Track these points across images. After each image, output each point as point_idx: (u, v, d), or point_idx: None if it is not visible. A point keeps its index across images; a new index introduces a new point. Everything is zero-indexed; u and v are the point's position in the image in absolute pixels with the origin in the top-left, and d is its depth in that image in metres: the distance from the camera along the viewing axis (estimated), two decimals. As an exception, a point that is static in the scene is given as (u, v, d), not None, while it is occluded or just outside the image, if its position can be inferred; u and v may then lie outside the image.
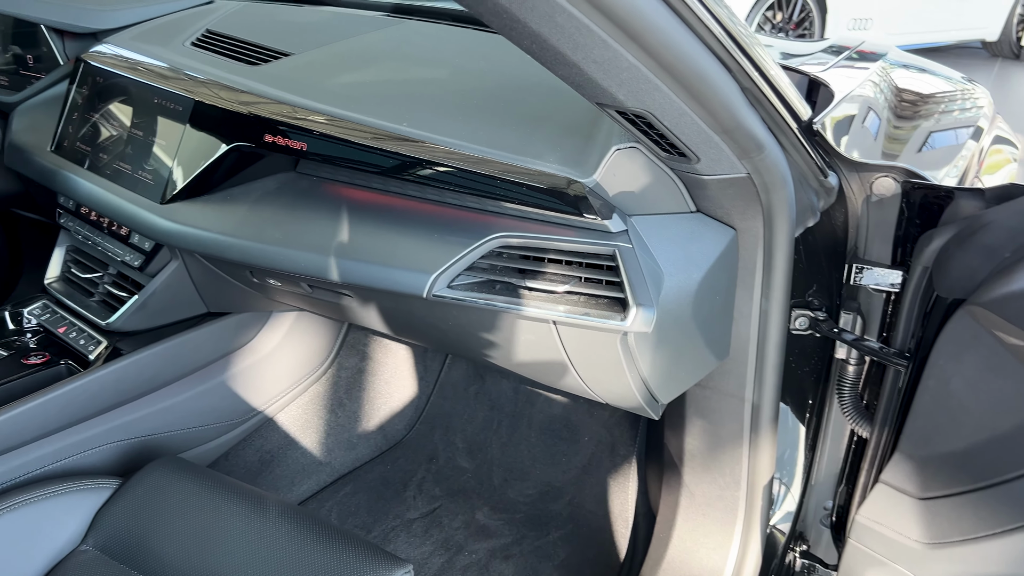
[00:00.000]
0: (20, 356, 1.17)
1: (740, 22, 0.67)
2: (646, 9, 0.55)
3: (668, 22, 0.57)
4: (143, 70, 1.16)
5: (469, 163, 0.86)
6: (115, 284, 1.21)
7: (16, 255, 1.91)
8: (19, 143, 1.29)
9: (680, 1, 0.57)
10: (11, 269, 1.92)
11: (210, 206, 1.04)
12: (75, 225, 1.24)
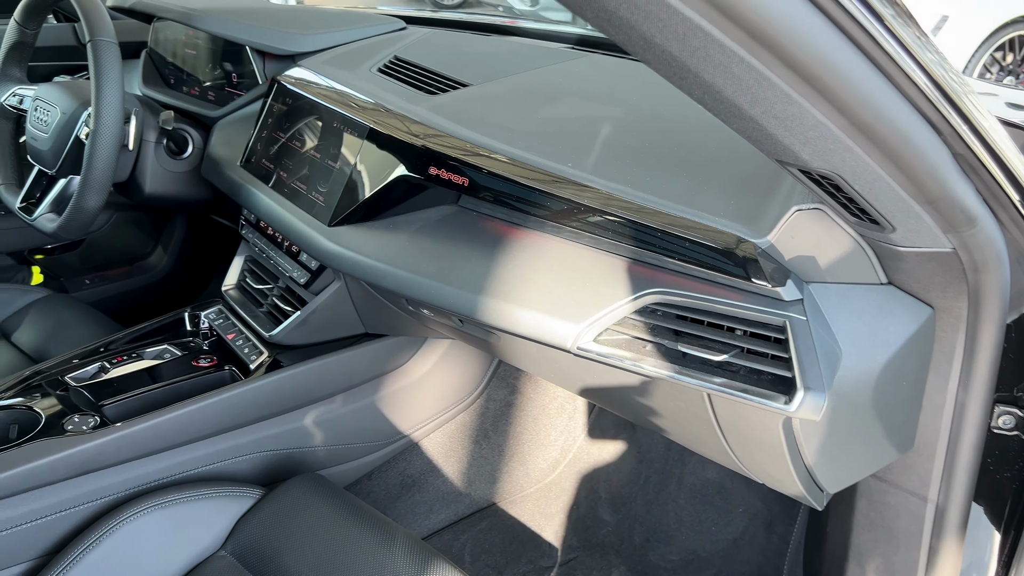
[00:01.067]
0: (192, 357, 1.24)
1: (954, 73, 0.56)
2: (838, 60, 0.47)
3: (865, 74, 0.49)
4: (327, 93, 1.20)
5: (631, 212, 0.80)
6: (282, 298, 1.25)
7: (211, 259, 2.06)
8: (215, 155, 1.38)
9: (879, 51, 0.48)
10: (204, 271, 2.08)
11: (373, 232, 1.04)
12: (254, 237, 1.30)
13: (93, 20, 1.23)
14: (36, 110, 1.37)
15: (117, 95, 1.21)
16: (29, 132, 1.39)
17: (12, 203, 1.43)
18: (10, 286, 1.63)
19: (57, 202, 1.36)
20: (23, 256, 1.86)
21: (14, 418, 1.09)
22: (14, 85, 1.46)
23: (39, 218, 1.36)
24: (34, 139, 1.38)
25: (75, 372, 1.18)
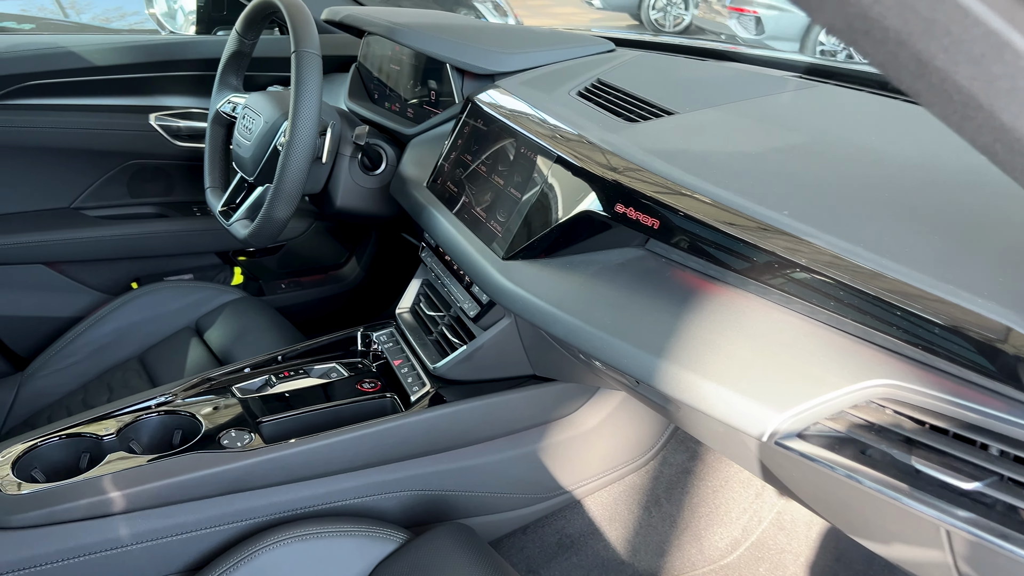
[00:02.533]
0: (357, 379, 1.20)
1: None
2: None
3: None
4: (518, 116, 1.12)
5: (861, 278, 0.64)
6: (451, 328, 1.18)
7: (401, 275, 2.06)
8: (404, 174, 1.34)
9: None
10: (393, 287, 2.08)
11: (547, 271, 0.94)
12: (432, 262, 1.24)
13: (300, 32, 1.22)
14: (243, 118, 1.41)
15: (314, 107, 1.20)
16: (235, 139, 1.42)
17: (215, 206, 1.48)
18: (210, 285, 1.70)
19: (252, 209, 1.38)
20: (228, 256, 1.94)
21: (178, 424, 1.09)
22: (230, 93, 1.51)
23: (234, 223, 1.38)
24: (238, 146, 1.41)
25: (242, 383, 1.17)
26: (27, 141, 1.65)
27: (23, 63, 1.61)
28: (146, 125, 1.75)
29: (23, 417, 1.50)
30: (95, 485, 0.94)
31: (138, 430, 1.07)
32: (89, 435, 1.03)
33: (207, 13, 1.99)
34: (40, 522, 0.90)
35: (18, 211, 1.70)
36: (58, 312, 1.74)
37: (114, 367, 1.56)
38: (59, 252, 1.71)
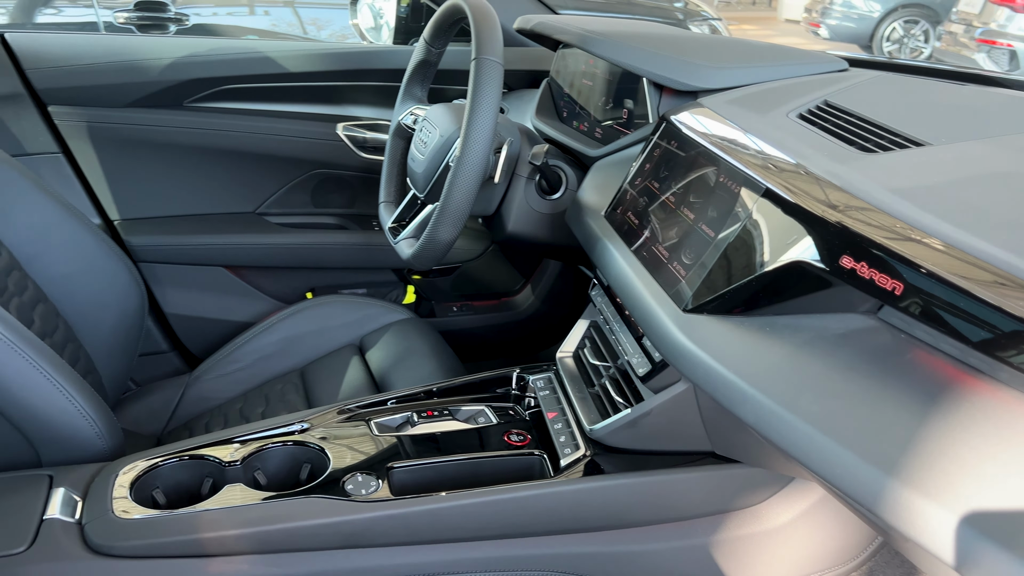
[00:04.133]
0: (506, 429, 1.05)
1: None
2: None
3: None
4: (720, 139, 0.92)
5: None
6: (616, 384, 1.00)
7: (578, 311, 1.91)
8: (582, 200, 1.18)
9: None
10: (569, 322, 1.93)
11: (740, 332, 0.74)
12: (601, 302, 1.07)
13: (482, 37, 1.11)
14: (421, 131, 1.32)
15: (488, 121, 1.08)
16: (411, 153, 1.34)
17: (385, 221, 1.40)
18: (379, 302, 1.63)
19: (419, 228, 1.28)
20: (403, 274, 1.88)
21: (308, 458, 0.99)
22: (413, 104, 1.44)
23: (400, 242, 1.29)
24: (413, 160, 1.32)
25: (383, 418, 1.06)
26: (220, 143, 1.67)
27: (224, 66, 1.64)
28: (333, 135, 1.72)
29: (184, 420, 1.49)
30: (204, 520, 0.85)
31: (264, 459, 0.98)
32: (214, 459, 0.96)
33: (406, 24, 1.95)
34: (142, 553, 0.82)
35: (204, 213, 1.73)
36: (233, 316, 1.74)
37: (275, 379, 1.53)
38: (240, 257, 1.72)
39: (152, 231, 1.67)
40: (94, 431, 1.00)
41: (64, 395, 0.99)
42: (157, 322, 1.72)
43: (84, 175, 1.62)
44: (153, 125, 1.62)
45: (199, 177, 1.70)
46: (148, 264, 1.67)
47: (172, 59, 1.61)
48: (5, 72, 1.52)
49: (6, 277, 1.27)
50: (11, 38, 1.55)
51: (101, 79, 1.58)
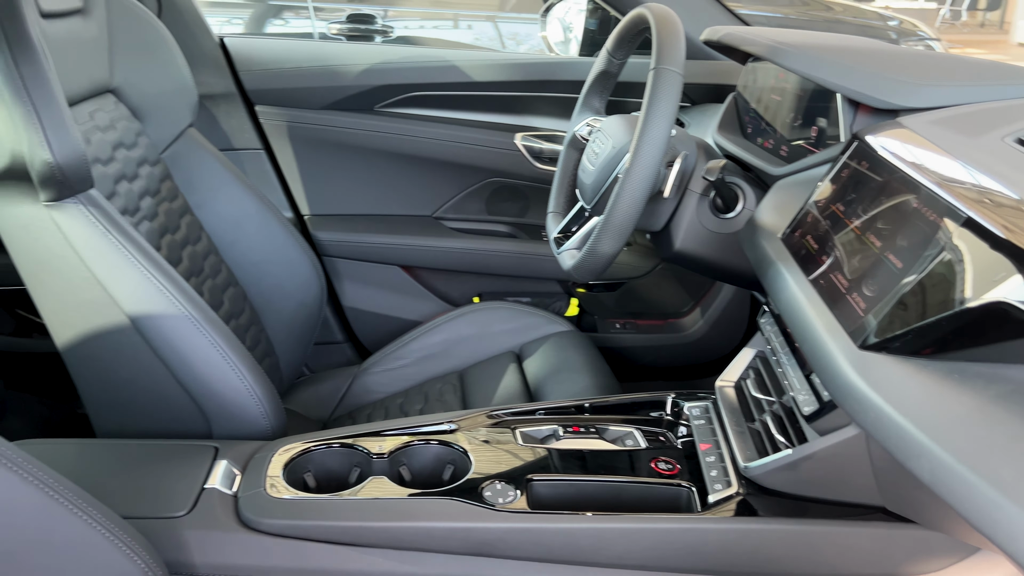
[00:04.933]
0: (653, 455, 1.00)
1: None
2: None
3: None
4: (919, 162, 0.83)
5: None
6: (777, 421, 0.92)
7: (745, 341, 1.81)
8: (759, 220, 1.11)
9: None
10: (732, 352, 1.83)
11: (922, 376, 0.65)
12: (770, 331, 1.00)
13: (664, 46, 1.07)
14: (594, 142, 1.29)
15: (662, 132, 1.04)
16: (582, 164, 1.32)
17: (551, 232, 1.39)
18: (542, 312, 1.63)
19: (582, 240, 1.26)
20: (567, 286, 1.87)
21: (452, 459, 0.99)
22: (590, 115, 1.42)
23: (563, 253, 1.27)
24: (583, 171, 1.30)
25: (529, 428, 1.05)
26: (404, 148, 1.73)
27: (413, 73, 1.70)
28: (511, 144, 1.74)
29: (348, 409, 1.56)
30: (347, 509, 0.88)
31: (410, 455, 1.00)
32: (363, 450, 0.98)
33: (593, 36, 1.94)
34: (286, 532, 0.86)
35: (385, 213, 1.80)
36: (403, 314, 1.80)
37: (435, 378, 1.56)
38: (415, 258, 1.78)
39: (337, 227, 1.76)
40: (260, 410, 1.06)
41: (236, 374, 1.05)
42: (335, 313, 1.81)
43: (281, 171, 1.74)
44: (345, 128, 1.71)
45: (383, 179, 1.78)
46: (330, 258, 1.76)
47: (367, 65, 1.70)
48: (222, 74, 1.66)
49: (203, 260, 1.38)
50: (229, 43, 1.69)
51: (302, 82, 1.69)
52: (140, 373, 1.04)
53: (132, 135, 1.29)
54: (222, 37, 1.69)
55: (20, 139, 0.93)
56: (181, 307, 1.02)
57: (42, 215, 0.99)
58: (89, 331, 1.03)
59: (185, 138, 1.42)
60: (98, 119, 1.21)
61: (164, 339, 1.02)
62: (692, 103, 1.65)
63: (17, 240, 1.03)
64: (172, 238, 1.30)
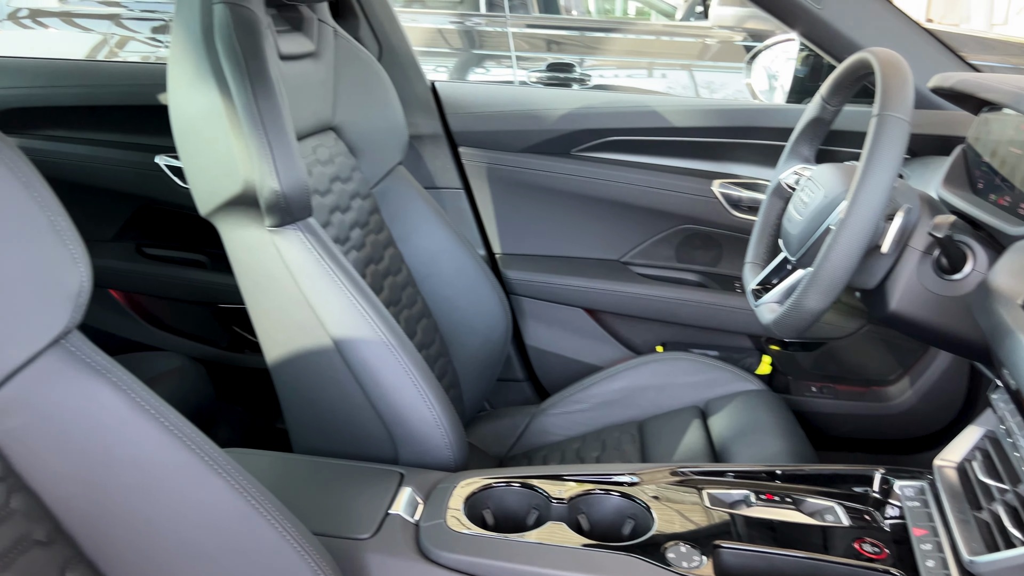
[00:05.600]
0: (858, 535, 0.91)
1: None
2: None
3: None
4: None
5: None
6: (1011, 512, 0.80)
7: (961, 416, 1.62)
8: (993, 284, 0.99)
9: None
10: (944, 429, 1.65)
11: None
12: (1005, 410, 0.88)
13: (889, 92, 1.00)
14: (803, 190, 1.22)
15: (884, 182, 0.96)
16: (787, 213, 1.25)
17: (749, 282, 1.32)
18: (731, 368, 1.56)
19: (785, 293, 1.18)
20: (760, 342, 1.77)
21: (633, 513, 0.95)
22: (798, 163, 1.35)
23: (762, 305, 1.21)
24: (788, 220, 1.23)
25: (718, 490, 0.98)
26: (597, 191, 1.73)
27: (610, 118, 1.70)
28: (707, 191, 1.69)
29: (525, 448, 1.55)
30: (524, 552, 0.86)
31: (590, 504, 0.96)
32: (543, 493, 0.97)
33: (801, 83, 1.86)
34: (463, 568, 0.85)
35: (573, 256, 1.80)
36: (585, 357, 1.78)
37: (613, 426, 1.53)
38: (600, 301, 1.76)
39: (526, 267, 1.78)
40: (445, 441, 1.08)
41: (426, 403, 1.08)
42: (518, 351, 1.82)
43: (478, 210, 1.79)
44: (542, 170, 1.74)
45: (575, 221, 1.78)
46: (517, 297, 1.78)
47: (566, 110, 1.72)
48: (431, 116, 1.74)
49: (401, 290, 1.44)
50: (440, 87, 1.78)
51: (504, 125, 1.74)
52: (338, 394, 1.09)
53: (348, 170, 1.38)
54: (433, 82, 1.78)
55: (253, 168, 1.01)
56: (380, 334, 1.06)
57: (265, 239, 1.07)
58: (296, 350, 1.10)
59: (394, 175, 1.50)
60: (319, 154, 1.30)
61: (362, 362, 1.06)
62: (913, 155, 1.53)
63: (241, 261, 1.11)
64: (376, 268, 1.37)
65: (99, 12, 3.57)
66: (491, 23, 3.74)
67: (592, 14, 5.67)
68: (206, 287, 1.92)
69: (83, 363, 0.66)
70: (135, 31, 3.55)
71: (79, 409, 0.65)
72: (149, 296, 2.02)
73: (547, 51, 3.82)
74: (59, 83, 1.86)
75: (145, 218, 1.96)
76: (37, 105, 1.84)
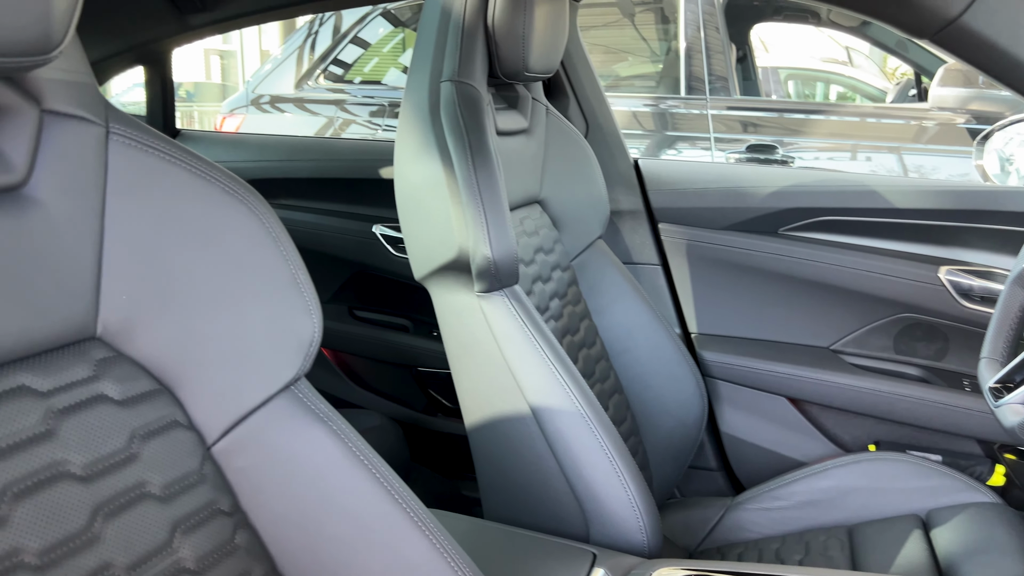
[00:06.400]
0: None
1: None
2: None
3: None
4: None
5: None
6: None
7: None
8: None
9: None
10: None
11: None
12: None
13: None
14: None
15: None
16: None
17: (986, 380, 1.18)
18: (956, 475, 1.39)
19: (1033, 395, 1.05)
20: (991, 448, 1.57)
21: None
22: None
23: (1004, 407, 1.07)
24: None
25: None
26: (806, 273, 1.64)
27: (824, 197, 1.62)
28: (932, 278, 1.55)
29: (718, 543, 1.46)
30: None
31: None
32: (747, 592, 0.89)
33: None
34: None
35: (777, 340, 1.71)
36: (786, 451, 1.67)
37: (818, 528, 1.40)
38: (805, 391, 1.65)
39: (724, 349, 1.71)
40: (638, 524, 1.03)
41: (621, 482, 1.04)
42: (712, 438, 1.74)
43: (675, 288, 1.75)
44: (745, 249, 1.68)
45: (780, 304, 1.70)
46: (714, 380, 1.71)
47: (774, 188, 1.66)
48: (632, 191, 1.74)
49: (595, 364, 1.42)
50: (642, 163, 1.78)
51: (706, 202, 1.71)
52: (532, 462, 1.08)
53: (550, 242, 1.40)
54: (636, 159, 1.79)
55: (468, 235, 1.05)
56: (577, 405, 1.05)
57: (473, 303, 1.10)
58: (494, 414, 1.11)
59: (593, 248, 1.51)
60: (526, 225, 1.33)
61: (558, 432, 1.05)
62: None
63: (449, 324, 1.15)
64: (572, 339, 1.36)
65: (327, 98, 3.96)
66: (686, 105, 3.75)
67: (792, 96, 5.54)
68: (408, 350, 2.00)
69: (309, 410, 0.69)
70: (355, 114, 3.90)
71: (303, 453, 0.68)
72: (355, 355, 2.13)
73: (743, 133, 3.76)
74: (295, 157, 2.05)
75: (359, 282, 2.09)
76: (276, 176, 2.04)
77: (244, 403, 0.67)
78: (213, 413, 0.66)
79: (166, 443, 0.62)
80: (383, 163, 1.90)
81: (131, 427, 0.60)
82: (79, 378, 0.58)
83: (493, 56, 1.21)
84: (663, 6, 3.98)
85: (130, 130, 0.63)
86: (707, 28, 3.73)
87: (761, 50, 4.90)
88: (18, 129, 0.55)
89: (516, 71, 1.22)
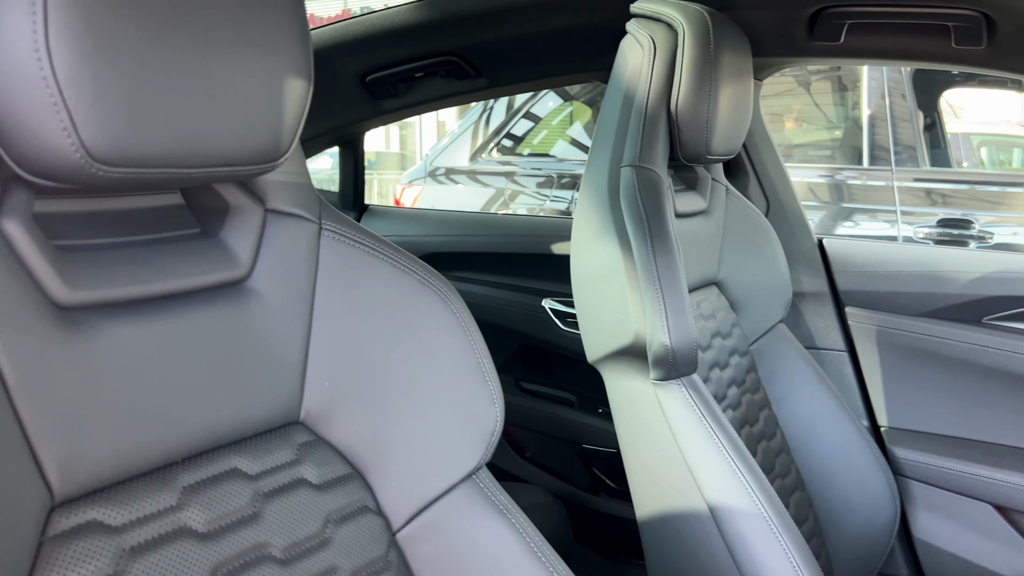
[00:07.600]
0: None
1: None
2: None
3: None
4: None
5: None
6: None
7: None
8: None
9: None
10: None
11: None
12: None
13: None
14: None
15: None
16: None
17: None
18: None
19: None
20: None
21: None
22: None
23: None
24: None
25: None
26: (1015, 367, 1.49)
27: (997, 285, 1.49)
28: None
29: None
30: None
31: None
32: None
33: None
34: None
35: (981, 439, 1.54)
36: (991, 564, 1.49)
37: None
38: (1016, 499, 1.47)
39: (920, 446, 1.57)
40: None
41: None
42: (905, 544, 1.58)
43: (863, 376, 1.64)
44: (946, 338, 1.55)
45: (985, 400, 1.54)
46: (907, 479, 1.57)
47: (978, 273, 1.53)
48: (816, 273, 1.66)
49: (775, 457, 1.34)
50: (827, 243, 1.70)
51: (899, 286, 1.60)
52: (708, 563, 1.02)
53: (728, 325, 1.35)
54: (821, 238, 1.70)
55: (645, 321, 1.03)
56: (760, 506, 0.99)
57: (648, 391, 1.07)
58: (668, 509, 1.06)
59: (774, 332, 1.44)
60: (703, 308, 1.30)
61: (739, 536, 0.99)
62: None
63: (622, 410, 1.12)
64: (750, 430, 1.30)
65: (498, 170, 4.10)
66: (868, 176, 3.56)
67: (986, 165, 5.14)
68: (573, 425, 1.98)
69: (489, 500, 0.69)
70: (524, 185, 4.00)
71: (482, 545, 0.67)
72: (520, 427, 2.14)
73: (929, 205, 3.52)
74: (471, 232, 2.13)
75: (526, 355, 2.11)
76: (452, 251, 2.12)
77: (429, 490, 0.68)
78: (400, 499, 0.67)
79: (357, 528, 0.64)
80: (554, 239, 1.92)
81: (326, 511, 0.62)
82: (283, 462, 0.60)
83: (675, 139, 1.20)
84: (841, 75, 3.85)
85: (340, 226, 0.67)
86: (892, 95, 3.55)
87: (951, 115, 4.62)
88: (246, 228, 0.59)
89: (698, 154, 1.21)
